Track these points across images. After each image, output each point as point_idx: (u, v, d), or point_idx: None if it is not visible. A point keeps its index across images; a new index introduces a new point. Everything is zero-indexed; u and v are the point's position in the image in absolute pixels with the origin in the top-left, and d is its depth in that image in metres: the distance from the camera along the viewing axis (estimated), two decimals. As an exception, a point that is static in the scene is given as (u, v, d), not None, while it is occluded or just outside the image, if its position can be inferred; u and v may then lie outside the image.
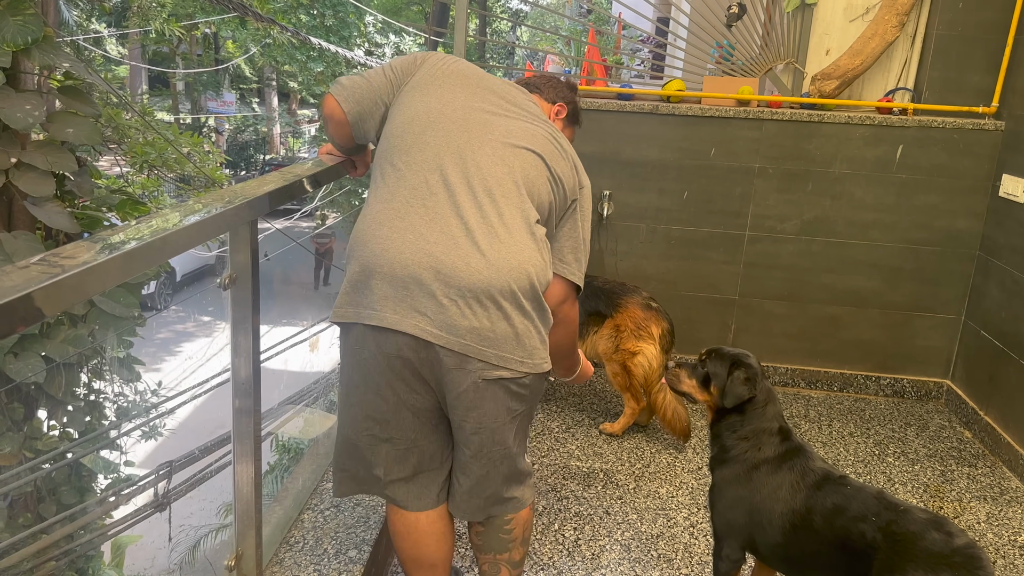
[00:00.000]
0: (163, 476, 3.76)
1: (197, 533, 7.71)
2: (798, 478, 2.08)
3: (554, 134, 2.02)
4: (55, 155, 5.39)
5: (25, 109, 5.15)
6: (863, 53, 4.03)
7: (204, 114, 26.16)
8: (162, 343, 15.61)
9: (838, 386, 4.29)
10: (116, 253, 1.17)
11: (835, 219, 4.09)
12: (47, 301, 1.02)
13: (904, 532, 1.84)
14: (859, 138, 3.98)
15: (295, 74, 21.56)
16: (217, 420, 10.10)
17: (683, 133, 4.08)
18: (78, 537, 5.46)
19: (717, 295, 4.24)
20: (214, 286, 15.25)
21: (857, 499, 1.96)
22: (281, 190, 1.84)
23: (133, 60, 23.35)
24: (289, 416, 4.12)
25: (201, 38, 25.32)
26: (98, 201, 6.14)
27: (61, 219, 5.46)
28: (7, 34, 5.09)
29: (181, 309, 17.47)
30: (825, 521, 1.98)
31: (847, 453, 3.60)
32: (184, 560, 7.49)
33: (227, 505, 7.42)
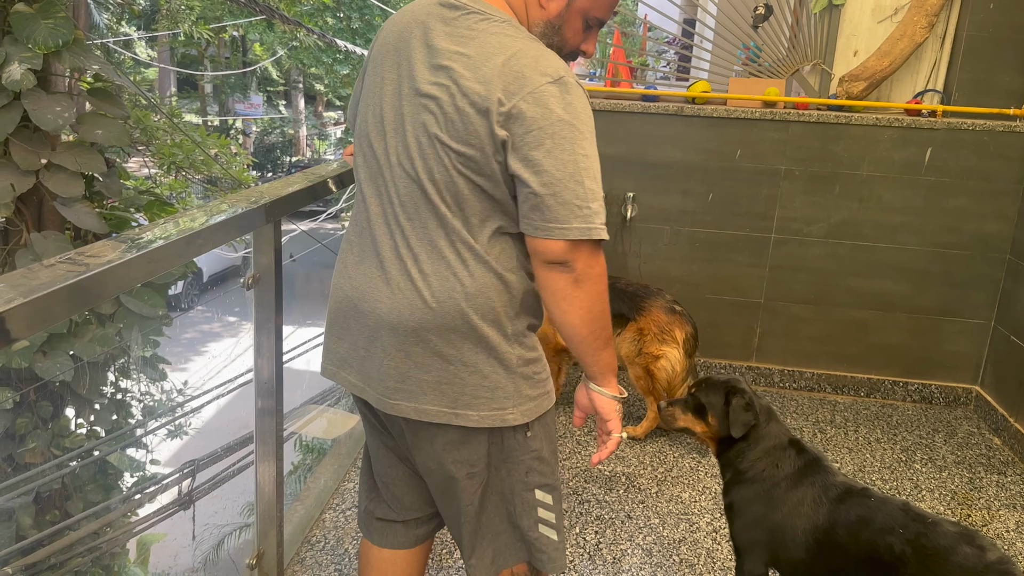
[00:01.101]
0: (187, 474, 3.79)
1: (221, 532, 7.77)
2: (820, 493, 2.02)
3: (479, 39, 1.42)
4: (84, 156, 5.47)
5: (55, 111, 5.23)
6: (891, 54, 3.98)
7: (232, 116, 26.42)
8: (188, 343, 15.77)
9: (865, 391, 4.24)
10: (141, 252, 1.18)
11: (863, 222, 4.04)
12: (73, 299, 1.03)
13: (934, 546, 1.78)
14: (887, 140, 3.93)
15: (321, 76, 21.71)
16: (241, 420, 10.19)
17: (708, 135, 4.05)
18: (104, 534, 5.52)
19: (742, 298, 4.20)
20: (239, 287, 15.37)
21: (883, 511, 1.91)
22: (304, 191, 1.85)
23: (162, 62, 23.63)
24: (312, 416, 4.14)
25: (229, 41, 25.56)
26: (126, 202, 6.22)
27: (90, 219, 5.54)
28: (39, 37, 5.17)
29: (207, 309, 17.63)
30: (850, 535, 1.93)
31: (873, 459, 3.55)
32: (208, 559, 7.54)
33: (250, 504, 7.47)
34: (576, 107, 1.39)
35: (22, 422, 5.73)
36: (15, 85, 5.02)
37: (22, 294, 0.94)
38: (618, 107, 4.09)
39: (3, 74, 5.05)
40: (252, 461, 1.91)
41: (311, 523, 2.36)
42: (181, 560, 8.31)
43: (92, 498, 5.94)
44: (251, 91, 26.93)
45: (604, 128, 4.07)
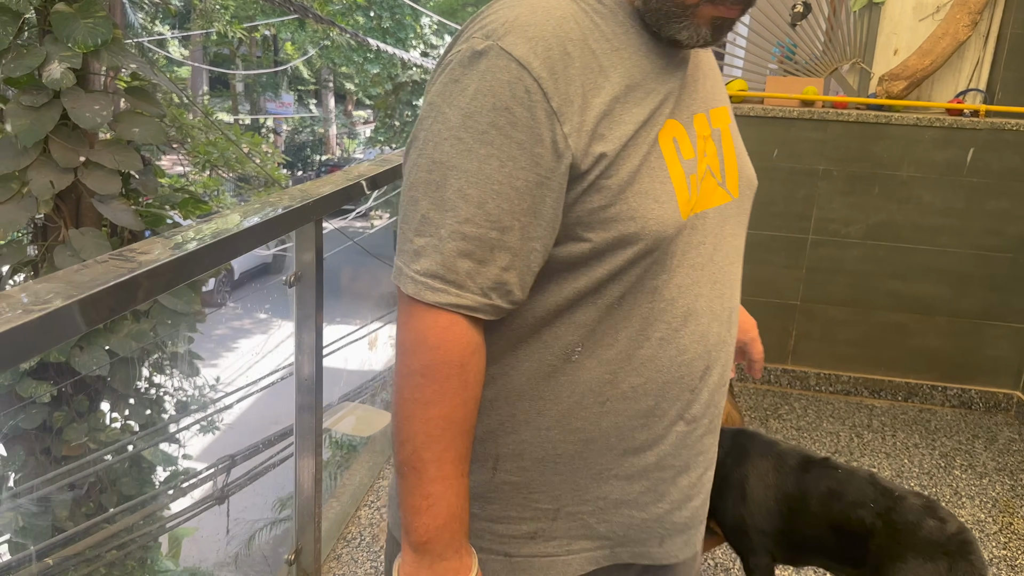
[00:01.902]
0: (223, 469, 3.83)
1: (252, 527, 7.85)
2: (776, 461, 2.11)
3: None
4: (122, 154, 5.54)
5: (94, 109, 5.31)
6: (933, 53, 3.91)
7: (263, 115, 26.68)
8: (219, 339, 15.94)
9: (903, 396, 4.17)
10: (186, 251, 1.19)
11: (902, 223, 3.98)
12: (123, 295, 1.04)
13: (903, 521, 1.90)
14: (928, 140, 3.87)
15: (352, 76, 21.85)
16: (271, 416, 10.28)
17: (745, 134, 3.96)
18: (138, 528, 5.60)
19: (778, 300, 4.16)
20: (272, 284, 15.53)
21: (853, 484, 2.00)
22: (343, 190, 1.85)
23: (194, 61, 23.92)
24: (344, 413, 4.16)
25: (260, 40, 25.82)
26: (161, 199, 6.30)
27: (126, 216, 5.61)
28: (78, 36, 5.25)
29: (238, 306, 17.82)
30: (823, 506, 2.02)
31: (912, 465, 3.49)
32: (240, 553, 7.63)
33: (281, 500, 7.56)
34: (462, 86, 0.89)
35: (59, 415, 5.82)
36: (55, 84, 5.10)
37: (82, 289, 0.95)
38: (653, 106, 4.06)
39: (44, 73, 5.14)
40: (284, 457, 1.92)
41: (347, 520, 2.37)
42: (212, 554, 8.41)
43: (127, 492, 6.03)
44: (282, 90, 27.18)
45: (639, 127, 4.05)
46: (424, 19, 19.65)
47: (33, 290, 0.98)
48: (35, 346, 0.90)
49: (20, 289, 0.98)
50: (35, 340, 0.90)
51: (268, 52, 27.16)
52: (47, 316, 0.91)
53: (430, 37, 19.93)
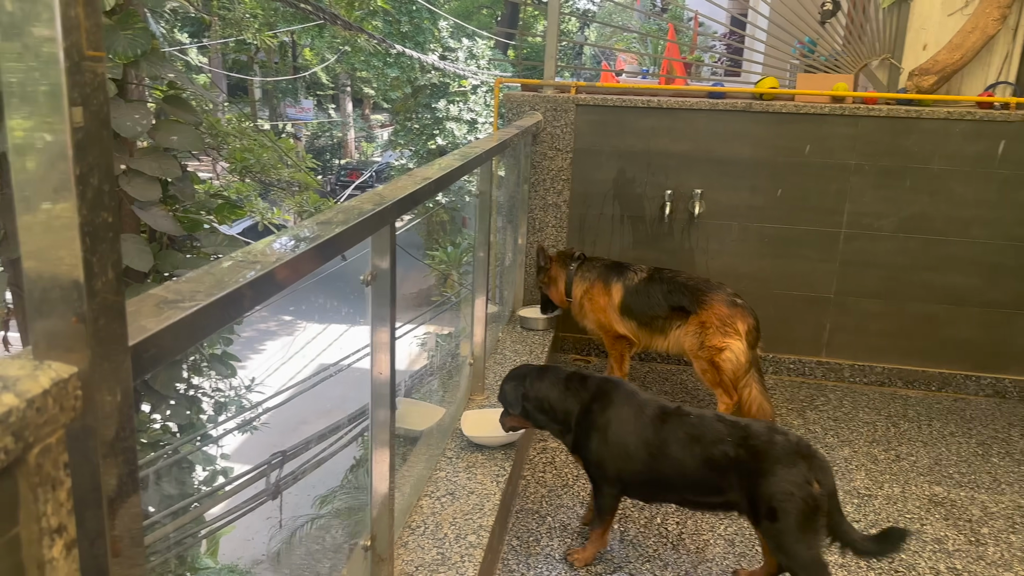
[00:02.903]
0: (276, 465, 3.94)
1: (294, 523, 7.98)
2: (637, 409, 2.42)
3: None
4: (162, 161, 5.67)
5: (134, 118, 5.44)
6: (963, 47, 3.97)
7: (282, 120, 26.90)
8: (247, 341, 16.13)
9: (936, 386, 4.23)
10: (304, 248, 1.29)
11: (934, 216, 4.04)
12: (255, 292, 1.14)
13: (760, 442, 2.24)
14: (959, 134, 3.92)
15: (371, 80, 22.02)
16: (301, 415, 10.42)
17: (776, 131, 4.08)
18: (185, 528, 5.73)
19: (812, 293, 4.23)
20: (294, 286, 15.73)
21: (707, 427, 2.32)
22: (415, 193, 1.95)
23: (213, 68, 24.15)
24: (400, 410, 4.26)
25: (279, 46, 26.03)
26: (198, 205, 6.42)
27: (166, 222, 5.74)
28: (118, 47, 5.38)
29: (264, 308, 18.00)
30: (684, 450, 2.31)
31: (949, 453, 3.55)
32: (282, 550, 7.76)
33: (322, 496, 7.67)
34: None
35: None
36: (98, 94, 5.23)
37: (223, 287, 1.05)
38: (684, 104, 4.14)
39: (86, 84, 5.27)
40: (328, 456, 2.02)
41: (410, 510, 2.47)
42: (248, 551, 8.55)
43: (168, 491, 6.16)
44: (301, 95, 27.39)
45: (670, 125, 4.14)
46: (441, 22, 19.78)
47: (176, 288, 1.08)
48: (189, 339, 1.00)
49: (163, 288, 1.08)
50: (189, 334, 1.00)
51: (286, 58, 27.37)
52: (199, 311, 1.01)
53: (447, 40, 20.07)
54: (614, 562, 2.66)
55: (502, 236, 4.43)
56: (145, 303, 1.03)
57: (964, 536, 2.90)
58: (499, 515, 2.55)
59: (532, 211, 4.39)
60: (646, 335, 3.65)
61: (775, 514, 2.18)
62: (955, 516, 3.04)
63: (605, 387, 2.50)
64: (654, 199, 4.23)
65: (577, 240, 4.38)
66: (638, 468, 2.38)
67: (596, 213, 4.33)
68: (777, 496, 2.17)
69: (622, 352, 3.78)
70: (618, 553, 2.71)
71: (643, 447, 2.37)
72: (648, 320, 3.61)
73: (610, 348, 3.81)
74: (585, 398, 2.49)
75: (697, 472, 2.30)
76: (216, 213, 6.53)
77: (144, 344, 0.86)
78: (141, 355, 0.86)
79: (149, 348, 0.89)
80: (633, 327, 3.66)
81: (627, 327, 3.67)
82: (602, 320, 3.75)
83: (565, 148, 4.27)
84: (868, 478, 3.30)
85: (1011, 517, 3.04)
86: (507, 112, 4.39)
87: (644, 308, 3.61)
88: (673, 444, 2.33)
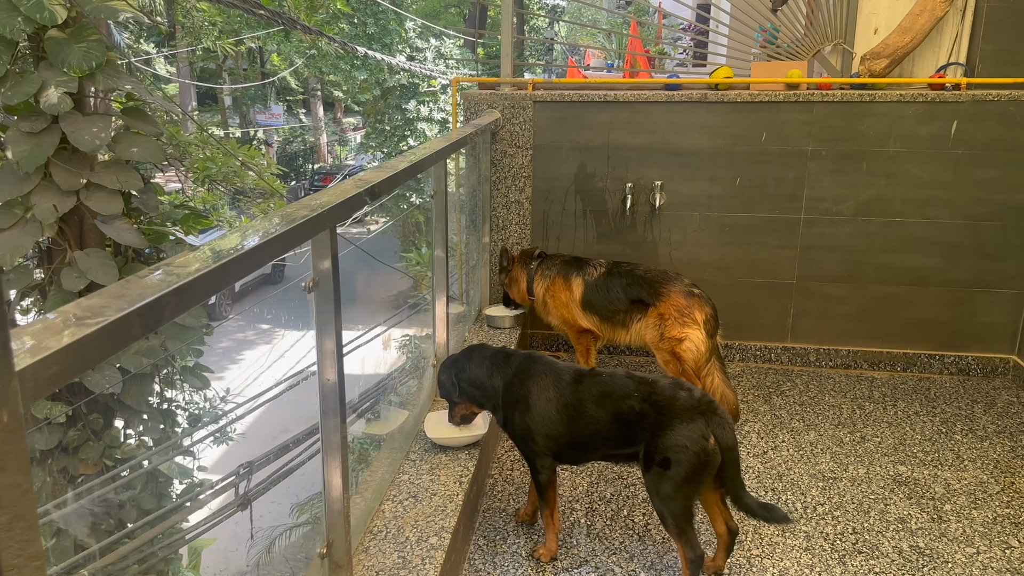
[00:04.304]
0: (244, 476, 3.91)
1: (272, 533, 7.94)
2: (554, 377, 2.56)
3: None
4: (122, 174, 5.62)
5: (92, 132, 5.38)
6: (912, 30, 4.00)
7: (253, 127, 26.71)
8: (224, 352, 16.01)
9: (901, 366, 4.27)
10: (223, 260, 1.27)
11: (891, 198, 4.07)
12: (168, 305, 1.13)
13: (662, 397, 2.40)
14: (912, 116, 3.96)
15: (340, 83, 21.92)
16: (281, 424, 10.36)
17: (733, 120, 4.10)
18: (158, 541, 5.68)
19: (775, 280, 4.25)
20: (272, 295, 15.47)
21: (617, 383, 2.48)
22: (355, 197, 1.94)
23: (181, 77, 23.94)
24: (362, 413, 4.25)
25: (247, 53, 25.85)
26: (163, 216, 6.37)
27: (130, 235, 5.69)
28: (73, 60, 5.32)
29: (241, 318, 17.89)
30: (598, 406, 2.47)
31: (914, 432, 3.59)
32: (261, 560, 7.71)
33: (299, 505, 7.64)
34: None
35: (74, 435, 5.90)
36: (53, 109, 5.17)
37: (133, 301, 1.04)
38: (641, 97, 4.14)
39: (41, 99, 5.20)
40: (303, 461, 2.01)
41: (371, 514, 2.46)
42: (230, 564, 8.49)
43: (145, 506, 6.11)
44: (271, 101, 27.21)
45: (628, 118, 4.15)
46: (408, 23, 19.72)
47: (86, 304, 1.07)
48: (94, 356, 0.99)
49: (74, 305, 1.07)
50: (96, 350, 0.99)
51: (254, 64, 27.18)
52: (106, 327, 1.00)
53: (415, 41, 20.01)
54: (580, 556, 2.67)
55: (467, 236, 4.43)
56: (54, 321, 1.02)
57: (927, 514, 2.93)
58: (462, 516, 2.54)
59: (495, 209, 4.38)
60: (608, 328, 3.67)
61: (667, 463, 2.33)
62: (918, 495, 3.07)
63: (526, 362, 2.63)
64: (615, 192, 4.24)
65: (541, 236, 4.38)
66: (562, 431, 2.52)
67: (559, 209, 4.34)
68: (672, 448, 2.33)
69: (588, 346, 3.78)
70: (584, 547, 2.72)
71: (563, 409, 2.51)
72: (609, 314, 3.63)
73: (575, 343, 3.82)
74: (508, 374, 2.62)
75: (609, 426, 2.47)
76: (182, 224, 6.48)
77: (37, 366, 0.85)
78: (34, 377, 0.84)
79: (47, 368, 0.88)
80: (596, 321, 3.68)
81: (590, 321, 3.69)
82: (565, 315, 3.76)
83: (525, 145, 4.27)
84: (833, 461, 3.32)
85: (973, 493, 3.08)
86: (466, 111, 4.38)
87: (604, 302, 3.63)
88: (588, 403, 2.49)
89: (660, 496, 2.37)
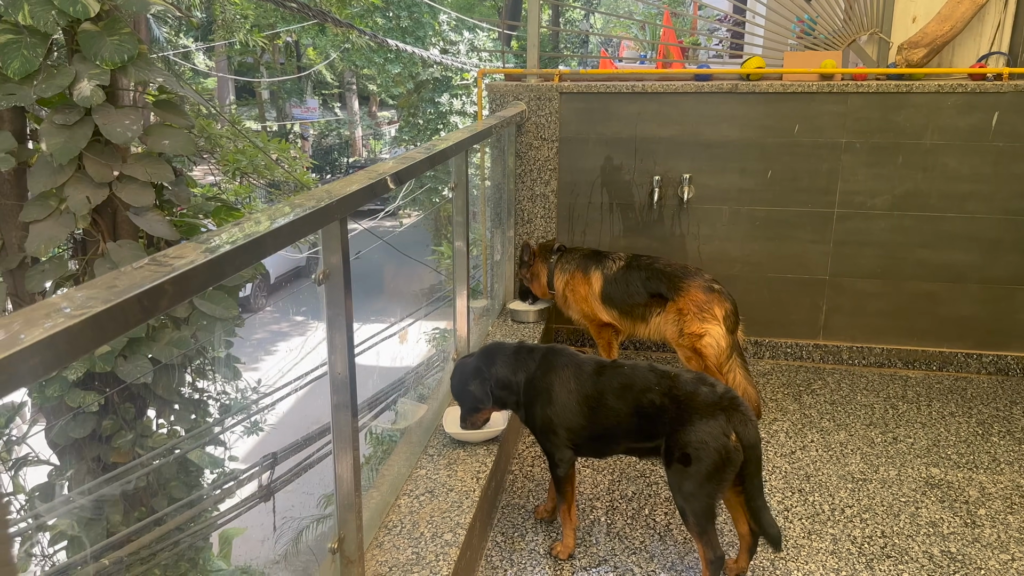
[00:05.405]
0: (266, 467, 3.92)
1: (300, 524, 7.99)
2: (575, 369, 2.52)
3: None
4: (153, 167, 5.67)
5: (125, 124, 5.43)
6: (952, 18, 3.87)
7: (289, 120, 26.93)
8: (259, 343, 16.19)
9: (937, 365, 4.15)
10: (218, 253, 1.25)
11: (928, 192, 3.95)
12: (160, 297, 1.10)
13: (683, 392, 2.35)
14: (951, 107, 3.83)
15: (374, 76, 22.00)
16: (313, 415, 10.45)
17: (765, 111, 4.00)
18: (188, 529, 5.74)
19: (806, 275, 4.15)
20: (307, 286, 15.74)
21: (638, 376, 2.44)
22: (366, 188, 1.90)
23: (220, 71, 24.21)
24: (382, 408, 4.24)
25: (283, 47, 26.04)
26: (195, 208, 6.42)
27: (161, 227, 5.74)
28: (105, 53, 5.37)
29: (276, 310, 18.07)
30: (618, 398, 2.43)
31: (948, 434, 3.48)
32: (288, 550, 7.77)
33: (327, 496, 7.67)
34: None
35: (107, 424, 5.98)
36: (86, 101, 5.23)
37: (120, 293, 1.01)
38: (670, 88, 4.07)
39: (74, 91, 5.26)
40: (328, 453, 1.99)
41: (387, 509, 2.43)
42: (261, 552, 8.58)
43: (176, 495, 6.18)
44: (307, 95, 27.40)
45: (657, 110, 4.07)
46: (442, 16, 19.70)
47: (72, 296, 1.05)
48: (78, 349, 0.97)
49: (62, 297, 1.05)
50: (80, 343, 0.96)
51: (291, 58, 27.39)
52: (90, 319, 0.97)
53: (448, 34, 19.98)
54: (599, 554, 2.62)
55: (492, 229, 4.39)
56: (36, 312, 1.00)
57: (960, 518, 2.84)
58: (479, 512, 2.51)
59: (520, 203, 4.34)
60: (628, 322, 3.62)
61: (688, 460, 2.29)
62: (951, 498, 2.97)
63: (548, 355, 2.61)
64: (642, 185, 4.17)
65: (566, 230, 4.33)
66: (583, 423, 2.49)
67: (584, 202, 4.28)
68: (692, 444, 2.28)
69: (609, 340, 3.73)
70: (604, 545, 2.67)
71: (584, 401, 2.48)
72: (629, 308, 3.58)
73: (597, 337, 3.77)
74: (531, 367, 2.59)
75: (630, 419, 2.43)
76: (213, 216, 6.53)
77: (8, 360, 0.83)
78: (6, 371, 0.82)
79: (20, 362, 0.86)
80: (615, 315, 3.63)
81: (610, 315, 3.64)
82: (585, 309, 3.71)
83: (551, 137, 4.22)
84: (863, 462, 3.23)
85: (1009, 498, 2.97)
86: (492, 103, 4.34)
87: (624, 296, 3.58)
88: (609, 395, 2.46)
89: (682, 493, 2.32)
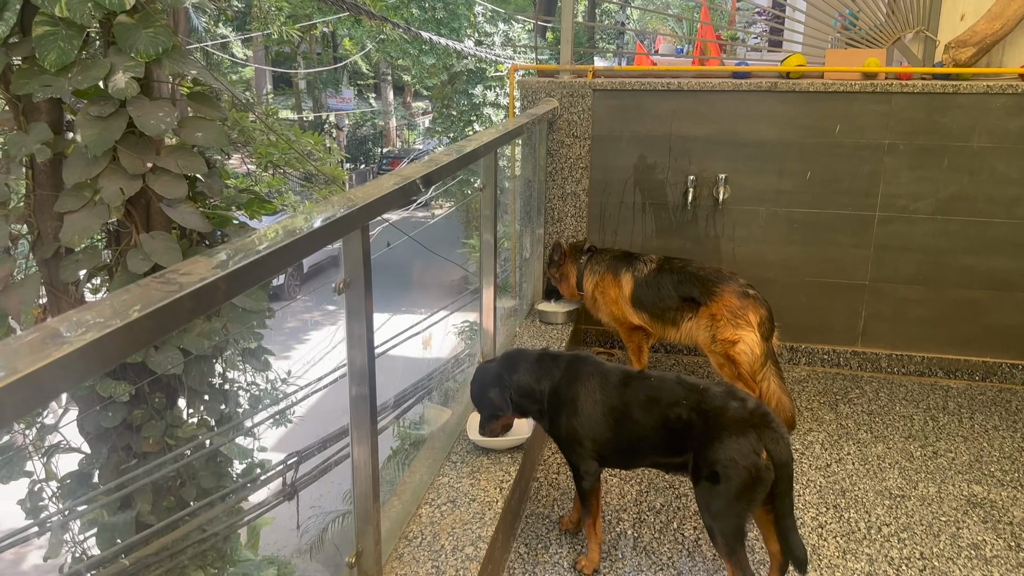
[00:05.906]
0: (291, 466, 3.91)
1: (326, 518, 8.02)
2: (600, 379, 2.44)
3: None
4: (187, 158, 5.68)
5: (159, 116, 5.45)
6: (1003, 16, 3.72)
7: (325, 111, 27.05)
8: (291, 332, 16.31)
9: (980, 375, 4.01)
10: (227, 271, 1.20)
11: (975, 196, 3.81)
12: (166, 319, 1.05)
13: (712, 407, 2.26)
14: (1000, 108, 3.69)
15: (409, 68, 22.01)
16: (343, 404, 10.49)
17: (804, 110, 3.88)
18: (217, 520, 5.77)
19: (845, 280, 4.03)
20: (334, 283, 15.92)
21: (665, 389, 2.36)
22: (388, 196, 1.85)
23: (257, 61, 24.37)
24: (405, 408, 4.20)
25: (319, 37, 26.15)
26: (227, 200, 6.44)
27: (194, 219, 5.76)
28: (140, 46, 5.39)
29: (308, 299, 18.18)
30: (644, 411, 2.35)
31: (991, 448, 3.35)
32: (314, 543, 7.80)
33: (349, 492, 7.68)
34: None
35: (138, 413, 6.02)
36: (120, 93, 5.25)
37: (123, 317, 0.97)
38: (706, 85, 3.96)
39: (109, 83, 5.29)
40: (348, 455, 1.94)
41: (408, 519, 2.38)
42: (289, 542, 8.62)
43: (205, 485, 6.22)
44: (343, 85, 27.51)
45: (692, 108, 3.98)
46: (477, 7, 19.60)
47: (75, 320, 1.00)
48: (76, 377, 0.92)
49: (60, 320, 1.00)
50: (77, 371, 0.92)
51: (327, 49, 27.50)
52: (89, 345, 0.93)
53: (483, 25, 19.88)
54: (625, 570, 2.55)
55: (521, 227, 4.32)
56: (35, 335, 0.96)
57: (1004, 540, 2.72)
58: (501, 524, 2.45)
59: (550, 201, 4.26)
60: (659, 326, 3.54)
61: (716, 478, 2.21)
62: (995, 519, 2.85)
63: (573, 363, 2.53)
64: (676, 185, 4.07)
65: (597, 230, 4.24)
66: (608, 436, 2.41)
67: (616, 201, 4.19)
68: (721, 462, 2.20)
69: (639, 344, 3.65)
70: (630, 560, 2.60)
71: (609, 413, 2.40)
72: (660, 311, 3.49)
73: (627, 340, 3.69)
74: (556, 376, 2.52)
75: (657, 434, 2.35)
76: (246, 208, 6.54)
77: None
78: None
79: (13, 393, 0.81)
80: (646, 318, 3.55)
81: (640, 318, 3.56)
82: (615, 312, 3.63)
83: (583, 135, 4.14)
84: (902, 477, 3.12)
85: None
86: (523, 100, 4.27)
87: (655, 299, 3.49)
88: (635, 407, 2.38)
89: (710, 511, 2.25)
